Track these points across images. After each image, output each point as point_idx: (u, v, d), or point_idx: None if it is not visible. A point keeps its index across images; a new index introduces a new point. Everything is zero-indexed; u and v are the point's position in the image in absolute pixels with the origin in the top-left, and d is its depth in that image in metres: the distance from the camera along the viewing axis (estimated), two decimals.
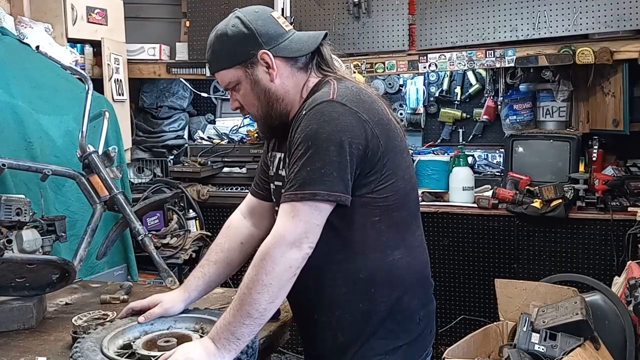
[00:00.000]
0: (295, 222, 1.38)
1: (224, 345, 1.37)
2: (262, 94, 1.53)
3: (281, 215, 1.40)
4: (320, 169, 1.38)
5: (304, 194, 1.38)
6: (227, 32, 1.52)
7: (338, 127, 1.39)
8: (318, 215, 1.39)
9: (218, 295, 2.17)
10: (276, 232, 1.39)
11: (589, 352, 2.41)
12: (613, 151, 3.74)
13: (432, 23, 3.59)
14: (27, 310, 1.90)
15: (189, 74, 4.06)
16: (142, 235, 2.33)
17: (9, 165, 2.14)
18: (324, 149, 1.38)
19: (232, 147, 3.97)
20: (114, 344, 1.56)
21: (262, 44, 1.50)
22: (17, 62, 2.78)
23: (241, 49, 1.50)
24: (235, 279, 3.91)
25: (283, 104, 1.54)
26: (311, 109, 1.43)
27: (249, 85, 1.52)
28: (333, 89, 1.47)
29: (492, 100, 4.02)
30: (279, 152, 1.62)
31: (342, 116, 1.41)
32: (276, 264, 1.36)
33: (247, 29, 1.50)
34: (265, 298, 1.36)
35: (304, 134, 1.41)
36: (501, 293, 2.93)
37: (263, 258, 1.37)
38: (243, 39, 1.50)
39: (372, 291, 1.49)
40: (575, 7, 3.26)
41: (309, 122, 1.41)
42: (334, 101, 1.42)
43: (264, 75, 1.51)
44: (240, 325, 1.37)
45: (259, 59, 1.50)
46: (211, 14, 3.90)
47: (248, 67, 1.51)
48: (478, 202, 3.51)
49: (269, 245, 1.38)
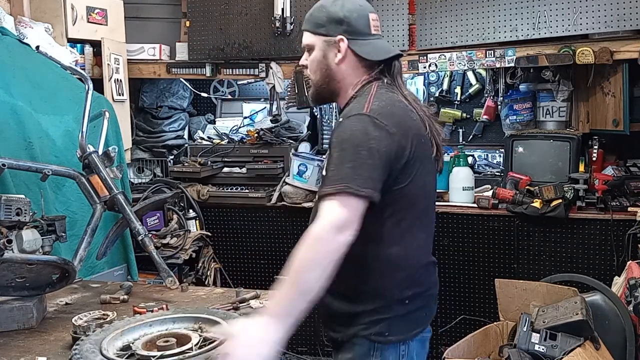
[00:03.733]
0: (341, 210, 1.52)
1: (276, 321, 1.45)
2: (325, 68, 1.78)
3: (327, 205, 1.54)
4: (354, 168, 1.56)
5: (343, 186, 1.53)
6: (328, 8, 1.77)
7: (368, 135, 1.60)
8: (357, 206, 1.55)
9: (218, 295, 2.18)
10: (325, 218, 1.52)
11: (589, 352, 2.41)
12: (613, 151, 3.74)
13: (432, 23, 3.59)
14: (27, 310, 1.91)
15: (189, 74, 4.06)
16: (142, 235, 2.33)
17: (9, 165, 2.14)
18: (356, 152, 1.57)
19: (232, 147, 3.97)
20: (113, 345, 1.56)
21: (347, 32, 1.75)
22: (17, 62, 2.78)
23: (329, 25, 1.76)
24: (235, 279, 3.92)
25: (337, 85, 1.79)
26: (347, 119, 1.65)
27: (318, 54, 1.78)
28: (368, 101, 1.68)
29: (492, 100, 4.02)
30: None
31: (370, 126, 1.61)
32: (324, 245, 1.49)
33: (342, 15, 1.75)
34: (315, 275, 1.48)
35: (340, 139, 1.62)
36: (501, 293, 2.93)
37: (316, 239, 1.49)
38: (336, 20, 1.76)
39: (365, 273, 1.70)
40: (575, 7, 3.26)
41: (344, 129, 1.63)
42: (365, 114, 1.63)
43: (332, 55, 1.77)
44: (291, 301, 1.47)
45: (336, 41, 1.75)
46: (211, 14, 3.90)
47: (325, 42, 1.77)
48: (478, 202, 3.51)
49: (319, 228, 1.50)
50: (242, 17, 3.84)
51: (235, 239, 3.93)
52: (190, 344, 1.53)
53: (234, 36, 3.85)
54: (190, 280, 3.69)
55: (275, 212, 3.81)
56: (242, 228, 3.89)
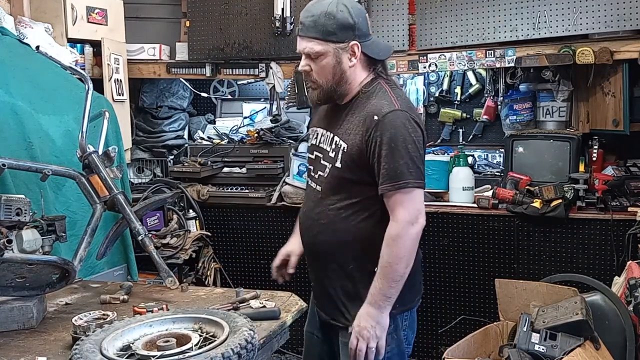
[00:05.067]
0: (408, 207, 1.83)
1: (380, 305, 1.85)
2: (339, 73, 1.89)
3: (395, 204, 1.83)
4: (407, 163, 1.81)
5: (404, 183, 1.81)
6: (336, 15, 1.84)
7: (410, 129, 1.83)
8: (418, 197, 1.86)
9: (218, 295, 2.18)
10: (398, 219, 1.83)
11: (589, 352, 2.42)
12: (613, 151, 3.74)
13: (432, 23, 3.59)
14: (27, 310, 1.91)
15: (189, 74, 4.06)
16: (142, 235, 2.33)
17: (9, 165, 2.14)
18: (405, 147, 1.81)
19: (232, 147, 3.97)
20: (113, 345, 1.56)
21: (357, 37, 1.87)
22: (17, 62, 2.78)
23: (341, 32, 1.85)
24: (235, 279, 3.92)
25: (348, 86, 1.93)
26: (384, 116, 1.83)
27: (331, 61, 1.88)
28: (393, 97, 1.88)
29: (492, 100, 4.02)
30: (321, 129, 2.02)
31: (410, 122, 1.85)
32: (405, 241, 1.82)
33: (352, 20, 1.85)
34: (403, 266, 1.84)
35: (387, 136, 1.81)
36: (501, 293, 2.93)
37: (395, 239, 1.82)
38: (347, 26, 1.85)
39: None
40: (575, 7, 3.26)
41: (387, 127, 1.82)
42: (401, 110, 1.85)
43: (346, 60, 1.89)
44: (388, 287, 1.84)
45: (350, 47, 1.87)
46: (211, 14, 3.90)
47: (338, 49, 1.87)
48: (478, 202, 3.51)
49: (398, 229, 1.82)
50: (242, 17, 3.84)
51: (235, 239, 3.92)
52: (190, 344, 1.53)
53: (234, 36, 3.85)
54: (190, 280, 3.69)
55: (275, 212, 3.81)
56: (242, 228, 3.89)
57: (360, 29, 1.87)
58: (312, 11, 1.86)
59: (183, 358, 1.46)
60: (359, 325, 1.86)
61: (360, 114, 1.89)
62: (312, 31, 1.86)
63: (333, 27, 1.83)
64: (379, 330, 1.86)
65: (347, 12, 1.84)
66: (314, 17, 1.85)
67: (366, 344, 1.86)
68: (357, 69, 1.91)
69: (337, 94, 1.93)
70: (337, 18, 1.83)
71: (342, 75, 1.89)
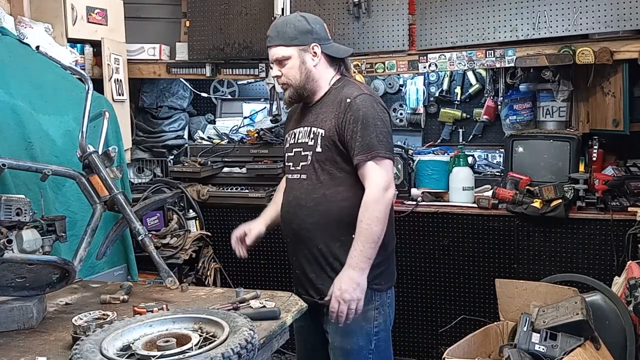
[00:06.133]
0: (382, 173, 2.07)
1: (361, 267, 2.03)
2: (304, 72, 2.18)
3: (370, 171, 2.07)
4: (377, 136, 2.07)
5: (376, 153, 2.06)
6: (295, 23, 2.17)
7: (378, 109, 2.12)
8: (390, 166, 2.11)
9: (218, 295, 2.18)
10: (374, 184, 2.06)
11: (589, 352, 2.42)
12: (613, 151, 3.74)
13: (432, 23, 3.59)
14: (27, 310, 1.91)
15: (189, 74, 4.06)
16: (142, 235, 2.32)
17: (9, 165, 2.14)
18: (375, 124, 2.08)
19: (232, 147, 3.97)
20: (113, 345, 1.56)
21: (315, 39, 2.18)
22: (17, 62, 2.78)
23: (302, 36, 2.16)
24: (235, 279, 3.92)
25: (315, 84, 2.21)
26: (354, 98, 2.11)
27: (297, 62, 2.17)
28: (360, 86, 2.19)
29: (492, 100, 4.02)
30: (298, 128, 2.27)
31: (377, 104, 2.14)
32: (381, 203, 2.04)
33: (310, 26, 2.18)
34: (380, 227, 2.04)
35: (359, 114, 2.08)
36: (501, 293, 2.93)
37: (372, 202, 2.04)
38: (305, 31, 2.17)
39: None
40: (575, 7, 3.26)
41: (359, 107, 2.09)
42: (368, 94, 2.15)
43: (309, 60, 2.18)
44: (368, 248, 2.03)
45: (310, 48, 2.17)
46: (211, 14, 3.90)
47: (301, 51, 2.16)
48: (478, 202, 3.51)
49: (374, 193, 2.04)
50: (242, 17, 3.84)
51: None
52: (190, 344, 1.53)
53: (234, 36, 3.86)
54: (190, 280, 3.69)
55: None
56: None
57: (318, 33, 2.18)
58: (276, 25, 2.20)
59: (183, 358, 1.46)
60: (340, 288, 2.02)
61: (333, 103, 2.16)
62: (277, 39, 2.16)
63: (294, 32, 2.14)
64: (359, 291, 2.03)
65: (305, 20, 2.17)
66: (277, 29, 2.17)
67: (347, 306, 2.02)
68: (322, 67, 2.20)
69: (307, 91, 2.20)
70: (296, 25, 2.15)
71: (307, 73, 2.17)
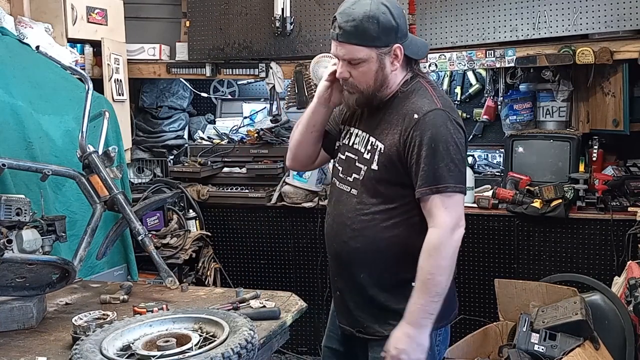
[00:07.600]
0: (449, 211, 1.70)
1: (421, 324, 1.70)
2: (381, 78, 1.79)
3: (435, 208, 1.71)
4: (447, 165, 1.70)
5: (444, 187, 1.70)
6: (379, 18, 1.71)
7: (452, 129, 1.73)
8: (460, 201, 1.74)
9: (218, 295, 2.18)
10: (439, 223, 1.70)
11: (588, 352, 2.42)
12: (613, 151, 3.73)
13: (432, 23, 3.58)
14: (27, 310, 1.91)
15: (189, 74, 4.06)
16: (142, 235, 2.33)
17: (9, 165, 2.14)
18: (446, 149, 1.71)
19: (232, 147, 3.97)
20: (113, 345, 1.56)
21: (399, 38, 1.76)
22: (17, 62, 2.78)
23: (385, 37, 1.73)
24: (235, 279, 3.92)
25: (388, 89, 1.83)
26: (424, 116, 1.73)
27: (374, 67, 1.76)
28: (433, 95, 1.79)
29: (492, 100, 4.02)
30: (356, 129, 1.90)
31: (451, 122, 1.74)
32: (448, 249, 1.70)
33: (395, 22, 1.74)
34: (446, 277, 1.72)
35: (427, 136, 1.71)
36: (501, 293, 2.93)
37: (436, 248, 1.70)
38: (390, 29, 1.73)
39: None
40: (575, 7, 3.26)
41: (427, 126, 1.72)
42: (441, 109, 1.75)
43: (389, 64, 1.78)
44: (430, 302, 1.70)
45: (392, 50, 1.76)
46: (211, 14, 3.90)
47: (381, 54, 1.75)
48: (478, 202, 3.51)
49: (439, 235, 1.70)
50: (242, 17, 3.84)
51: (235, 239, 3.92)
52: (190, 344, 1.53)
53: (234, 36, 3.86)
54: (190, 280, 3.69)
55: (275, 212, 3.81)
56: (242, 228, 3.89)
57: (402, 30, 1.76)
58: (352, 15, 1.71)
59: (183, 358, 1.46)
60: (396, 347, 1.71)
61: (399, 113, 1.79)
62: (353, 37, 1.73)
63: (376, 31, 1.71)
64: (420, 352, 1.71)
65: (390, 14, 1.72)
66: (355, 22, 1.71)
67: None
68: (398, 71, 1.81)
69: (377, 99, 1.83)
70: (380, 21, 1.70)
71: (384, 80, 1.79)
